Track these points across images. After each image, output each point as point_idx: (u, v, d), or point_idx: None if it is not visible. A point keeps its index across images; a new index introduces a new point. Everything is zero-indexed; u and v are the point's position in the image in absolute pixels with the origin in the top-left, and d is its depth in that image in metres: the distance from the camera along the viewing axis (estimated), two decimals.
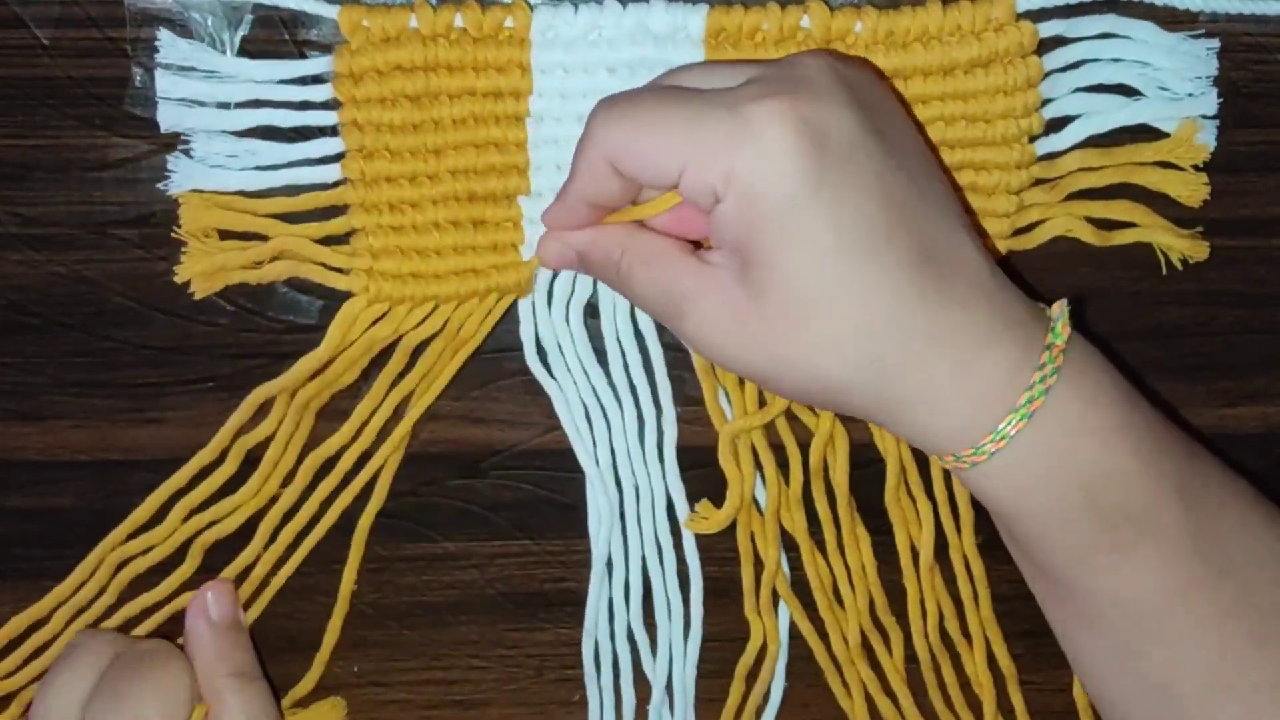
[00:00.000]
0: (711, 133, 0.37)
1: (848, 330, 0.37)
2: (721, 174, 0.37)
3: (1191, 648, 0.40)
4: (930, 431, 0.39)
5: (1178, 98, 0.46)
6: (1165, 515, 0.39)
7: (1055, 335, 0.39)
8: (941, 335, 0.38)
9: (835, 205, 0.36)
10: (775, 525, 0.49)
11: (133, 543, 0.48)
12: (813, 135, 0.36)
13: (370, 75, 0.43)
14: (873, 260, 0.37)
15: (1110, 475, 0.39)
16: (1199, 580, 0.40)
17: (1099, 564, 0.40)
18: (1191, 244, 0.48)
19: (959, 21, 0.43)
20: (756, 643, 0.50)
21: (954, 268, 0.38)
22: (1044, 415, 0.38)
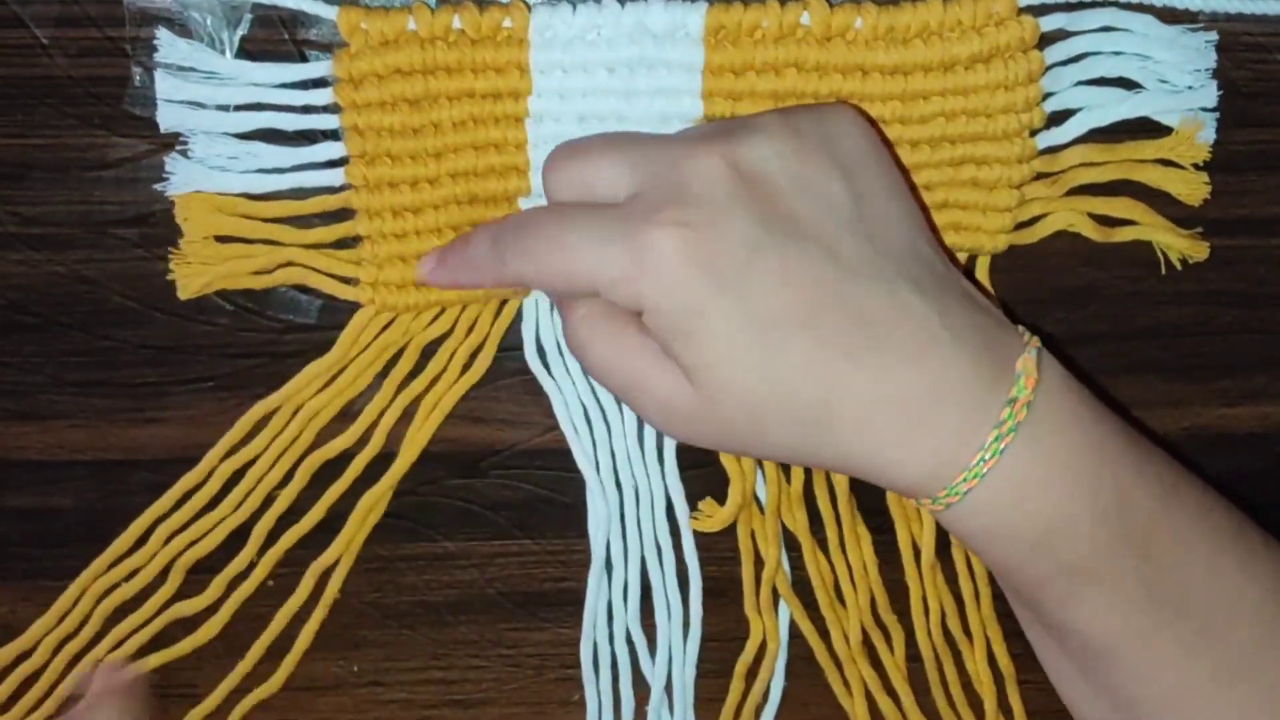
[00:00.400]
0: (608, 262, 0.38)
1: (790, 408, 0.38)
2: (632, 296, 0.38)
3: (1153, 679, 0.40)
4: (893, 480, 0.39)
5: (1178, 90, 0.46)
6: (1118, 566, 0.39)
7: (1018, 389, 0.38)
8: (886, 397, 0.38)
9: (743, 302, 0.37)
10: (776, 523, 0.49)
11: (115, 570, 0.48)
12: (703, 247, 0.37)
13: (369, 79, 0.43)
14: (796, 339, 0.37)
15: (1064, 532, 0.38)
16: (1154, 625, 0.39)
17: (1055, 604, 0.40)
18: (1191, 243, 0.48)
19: (959, 16, 0.43)
20: (756, 641, 0.50)
21: (895, 330, 0.38)
22: (998, 474, 0.38)
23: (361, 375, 0.47)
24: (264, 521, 0.48)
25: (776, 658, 0.50)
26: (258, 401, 0.47)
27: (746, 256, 0.37)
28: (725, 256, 0.37)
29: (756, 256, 0.37)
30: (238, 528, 0.48)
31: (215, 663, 0.49)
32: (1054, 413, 0.38)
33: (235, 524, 0.48)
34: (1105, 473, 0.39)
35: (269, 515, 0.48)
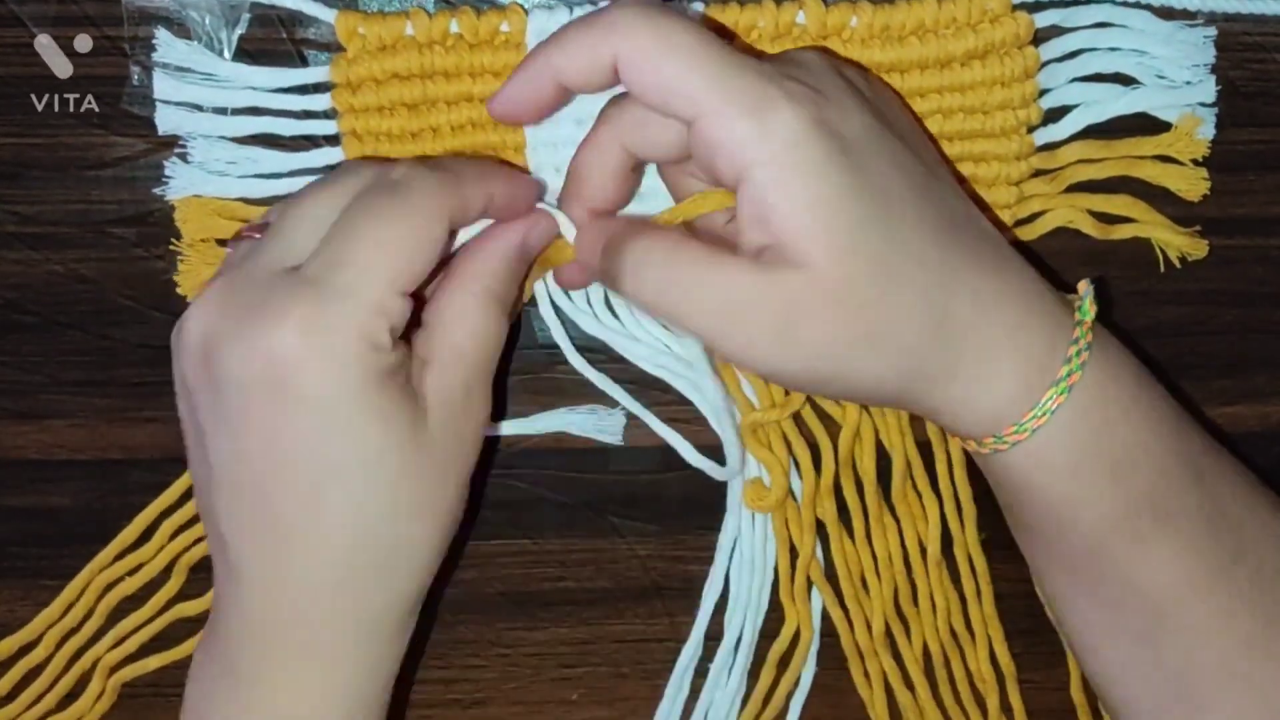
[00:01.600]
0: (740, 89, 0.35)
1: (908, 292, 0.36)
2: (748, 135, 0.35)
3: (1208, 636, 0.40)
4: (974, 406, 0.38)
5: (1175, 86, 0.46)
6: (1184, 499, 0.39)
7: (1084, 313, 0.39)
8: (985, 297, 0.37)
9: (865, 174, 0.36)
10: (811, 513, 0.48)
11: (120, 564, 0.48)
12: (831, 120, 0.36)
13: (368, 84, 0.43)
14: (911, 222, 0.37)
15: (1137, 457, 0.39)
16: (1215, 569, 0.40)
17: (1118, 553, 0.39)
18: (1190, 241, 0.48)
19: (954, 14, 0.43)
20: (791, 629, 0.50)
21: (980, 239, 0.38)
22: (1080, 391, 0.38)
23: None
24: None
25: (810, 646, 0.50)
26: None
27: (863, 134, 0.37)
28: (845, 125, 0.36)
29: (870, 139, 0.37)
30: None
31: None
32: (1110, 343, 0.39)
33: None
34: (1159, 400, 0.40)
35: None
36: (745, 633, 0.50)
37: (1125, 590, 0.40)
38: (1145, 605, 0.40)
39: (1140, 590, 0.40)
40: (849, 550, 0.49)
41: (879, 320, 0.36)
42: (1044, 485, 0.39)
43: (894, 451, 0.48)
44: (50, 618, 0.48)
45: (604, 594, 0.50)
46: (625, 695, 0.51)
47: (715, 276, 0.36)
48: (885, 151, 0.37)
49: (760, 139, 0.35)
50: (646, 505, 0.50)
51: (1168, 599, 0.40)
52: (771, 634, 0.50)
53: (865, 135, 0.37)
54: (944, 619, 0.50)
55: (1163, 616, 0.40)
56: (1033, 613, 0.49)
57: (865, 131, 0.37)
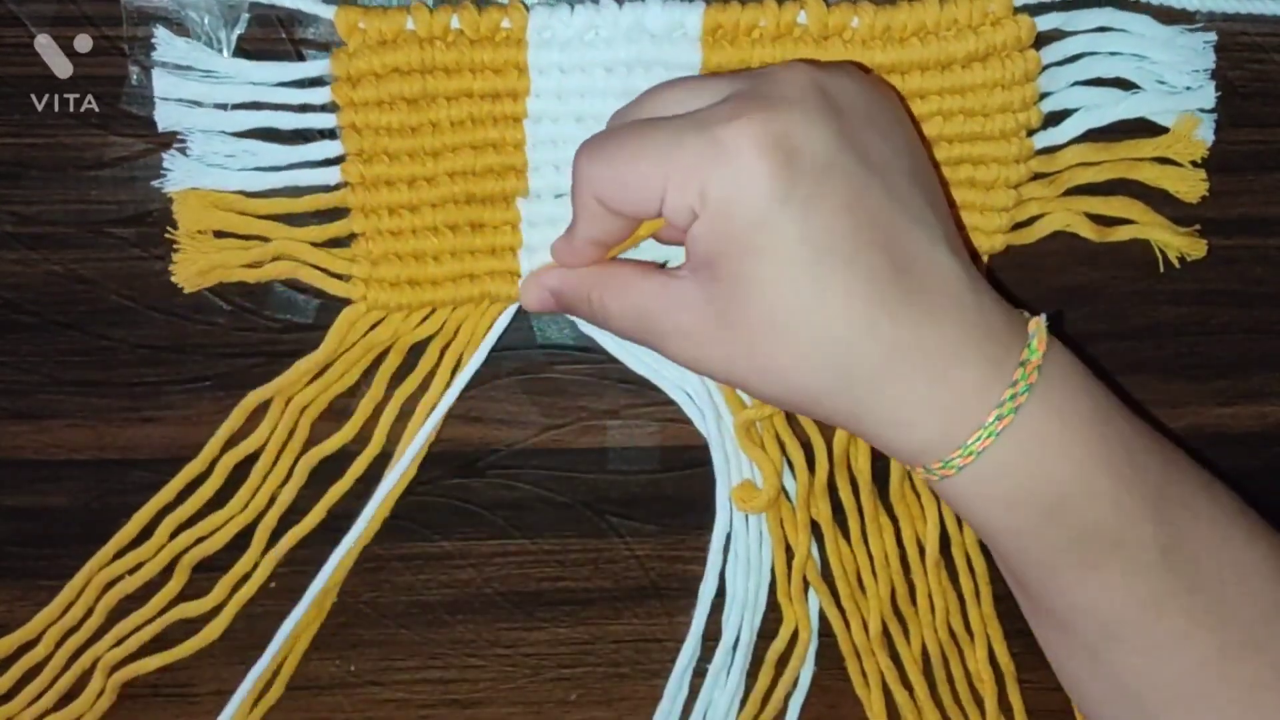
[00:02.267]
0: (687, 155, 0.37)
1: (816, 341, 0.37)
2: (696, 193, 0.37)
3: (1162, 659, 0.40)
4: (900, 444, 0.39)
5: (1175, 91, 0.46)
6: (1135, 532, 0.39)
7: (1031, 352, 0.38)
8: (911, 348, 0.37)
9: (804, 220, 0.37)
10: (806, 513, 0.48)
11: (120, 561, 0.48)
12: (783, 153, 0.36)
13: (368, 78, 0.43)
14: (841, 274, 0.37)
15: (1078, 494, 0.39)
16: (1169, 594, 0.39)
17: (1067, 579, 0.40)
18: (1189, 241, 0.48)
19: (956, 16, 0.43)
20: (789, 629, 0.50)
21: (928, 282, 0.38)
22: (1013, 433, 0.38)
23: (349, 372, 0.47)
24: (266, 520, 0.48)
25: (809, 646, 0.50)
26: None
27: (820, 168, 0.37)
28: (800, 167, 0.37)
29: (828, 175, 0.37)
30: (240, 526, 0.48)
31: (211, 662, 0.49)
32: (1063, 377, 0.39)
33: (243, 524, 0.48)
34: (1114, 437, 0.39)
35: (271, 514, 0.48)
36: (743, 633, 0.50)
37: (1074, 612, 0.40)
38: (1095, 627, 0.40)
39: (1090, 613, 0.40)
40: (844, 551, 0.49)
41: (778, 360, 0.38)
42: (985, 515, 0.40)
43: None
44: (50, 616, 0.48)
45: (602, 594, 0.50)
46: (624, 695, 0.51)
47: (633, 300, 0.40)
48: (840, 187, 0.37)
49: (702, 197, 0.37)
50: (644, 505, 0.50)
51: (1118, 620, 0.40)
52: (770, 634, 0.50)
53: (823, 168, 0.37)
54: (942, 619, 0.50)
55: (1112, 638, 0.40)
56: None
57: (825, 163, 0.37)
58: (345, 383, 0.47)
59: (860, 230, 0.37)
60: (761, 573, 0.49)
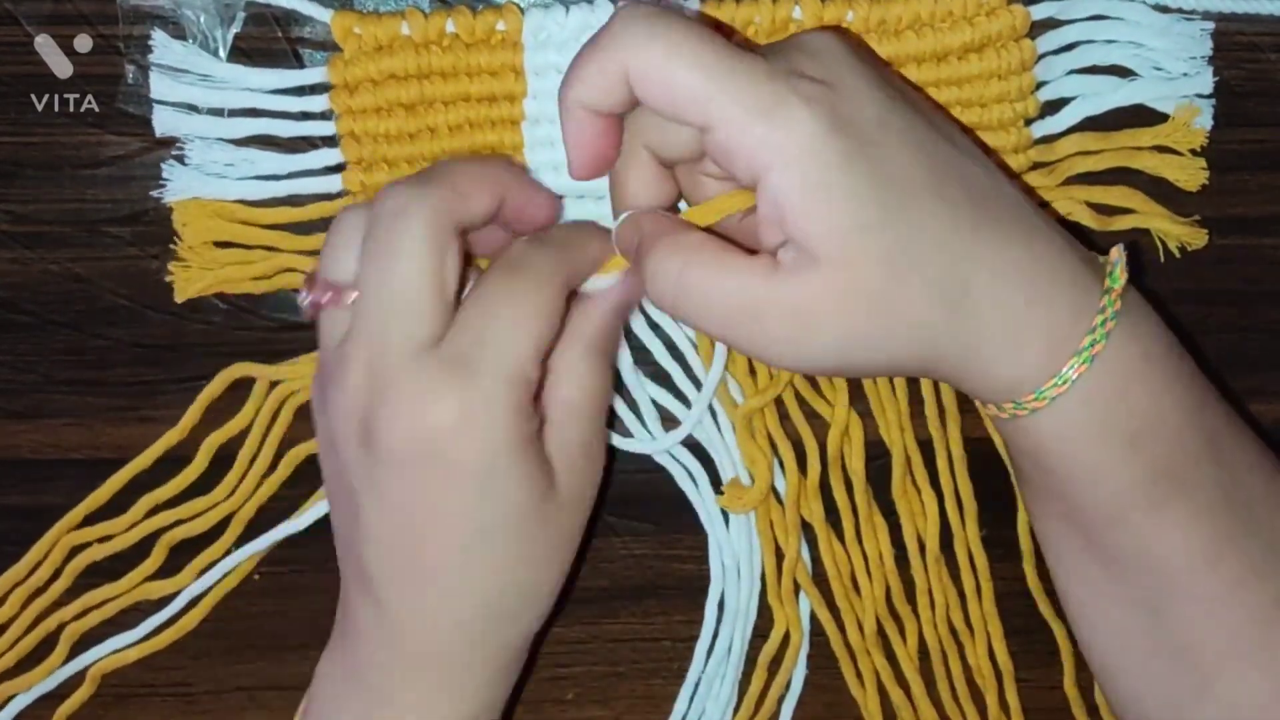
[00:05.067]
0: (749, 94, 0.36)
1: (927, 278, 0.37)
2: (761, 140, 0.36)
3: (1217, 608, 0.40)
4: (995, 375, 0.38)
5: (1172, 77, 0.46)
6: (1201, 471, 0.39)
7: (1113, 280, 0.39)
8: (1008, 270, 0.37)
9: (882, 163, 0.36)
10: (795, 515, 0.48)
11: (92, 529, 0.48)
12: (844, 105, 0.36)
13: (365, 85, 0.43)
14: (931, 207, 0.37)
15: (1155, 427, 0.39)
16: (1229, 540, 0.40)
17: (1134, 521, 0.40)
18: (1189, 231, 0.48)
19: (950, 7, 0.43)
20: (780, 632, 0.50)
21: (1005, 209, 0.38)
22: (1103, 360, 0.38)
23: None
24: (245, 511, 0.48)
25: (800, 649, 0.50)
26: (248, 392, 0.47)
27: (878, 119, 0.37)
28: (859, 116, 0.36)
29: (886, 120, 0.37)
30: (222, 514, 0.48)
31: (209, 662, 0.49)
32: (1140, 308, 0.39)
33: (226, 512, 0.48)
34: (1185, 372, 0.40)
35: (250, 505, 0.48)
36: (735, 639, 0.50)
37: (1138, 559, 0.40)
38: (1156, 575, 0.40)
39: (1153, 559, 0.40)
40: (838, 551, 0.49)
41: (894, 310, 0.37)
42: (1063, 452, 0.39)
43: (893, 447, 0.48)
44: (16, 576, 0.48)
45: (600, 593, 0.50)
46: (621, 694, 0.51)
47: (727, 281, 0.37)
48: (903, 132, 0.37)
49: (773, 143, 0.36)
50: (642, 504, 0.50)
51: (1179, 568, 0.40)
52: (764, 634, 0.50)
53: (880, 120, 0.37)
54: (943, 615, 0.50)
55: (1173, 586, 0.40)
56: (1027, 612, 0.49)
57: (880, 116, 0.37)
58: None
59: (934, 168, 0.37)
60: (753, 579, 0.49)
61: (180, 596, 0.48)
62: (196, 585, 0.48)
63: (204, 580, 0.48)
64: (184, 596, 0.48)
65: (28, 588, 0.48)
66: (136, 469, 0.47)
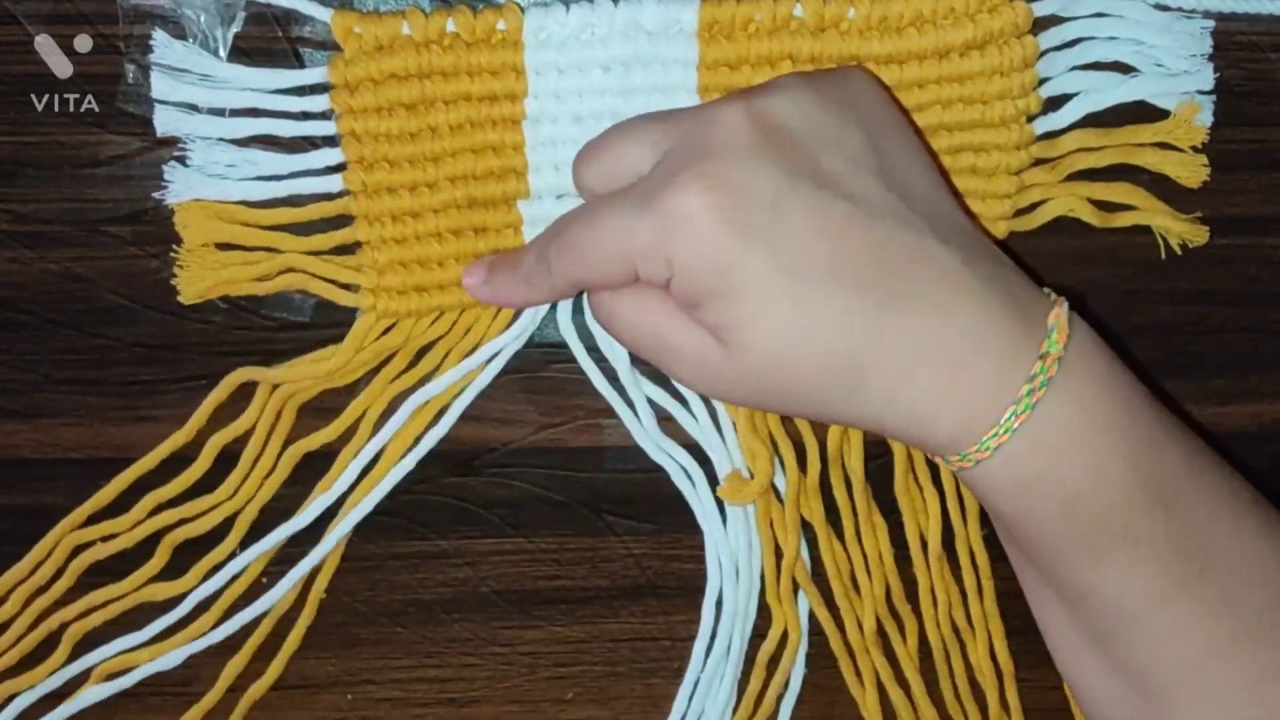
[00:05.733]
0: (643, 236, 0.38)
1: (823, 361, 0.38)
2: (663, 264, 0.38)
3: (1170, 644, 0.40)
4: (923, 440, 0.39)
5: (1173, 74, 0.46)
6: (1146, 524, 0.39)
7: (1050, 344, 0.38)
8: (921, 346, 0.37)
9: (771, 253, 0.37)
10: (795, 513, 0.48)
11: (95, 528, 0.48)
12: (730, 200, 0.37)
13: (365, 84, 0.43)
14: (828, 290, 0.37)
15: (1094, 490, 0.38)
16: (1178, 583, 0.39)
17: (1079, 565, 0.40)
18: (1191, 228, 0.48)
19: (952, 4, 0.43)
20: (778, 631, 0.50)
21: (926, 277, 0.38)
22: (1032, 426, 0.38)
23: (351, 373, 0.47)
24: (248, 512, 0.48)
25: (799, 648, 0.50)
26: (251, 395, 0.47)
27: (772, 207, 0.37)
28: (751, 208, 0.37)
29: (782, 206, 0.37)
30: (225, 518, 0.48)
31: (209, 661, 0.49)
32: (1085, 367, 0.39)
33: (229, 511, 0.48)
34: (1135, 429, 0.39)
35: (253, 505, 0.48)
36: (734, 638, 0.50)
37: (1085, 597, 0.40)
38: (1106, 611, 0.40)
39: (1101, 598, 0.40)
40: (837, 550, 0.49)
41: (790, 384, 0.38)
42: (999, 503, 0.40)
43: (895, 446, 0.48)
44: (19, 575, 0.48)
45: (599, 592, 0.50)
46: (620, 694, 0.51)
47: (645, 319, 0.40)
48: (799, 213, 0.37)
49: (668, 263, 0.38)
50: (641, 504, 0.50)
51: (1128, 608, 0.40)
52: (763, 634, 0.50)
53: (773, 202, 0.37)
54: (945, 613, 0.50)
55: (1123, 622, 0.40)
56: (1027, 612, 0.49)
57: (773, 197, 0.37)
58: (345, 380, 0.47)
59: (835, 246, 0.37)
60: (752, 580, 0.49)
61: (189, 599, 0.48)
62: (205, 588, 0.48)
63: (212, 583, 0.48)
64: (192, 599, 0.48)
65: (30, 586, 0.48)
66: (141, 470, 0.47)
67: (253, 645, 0.49)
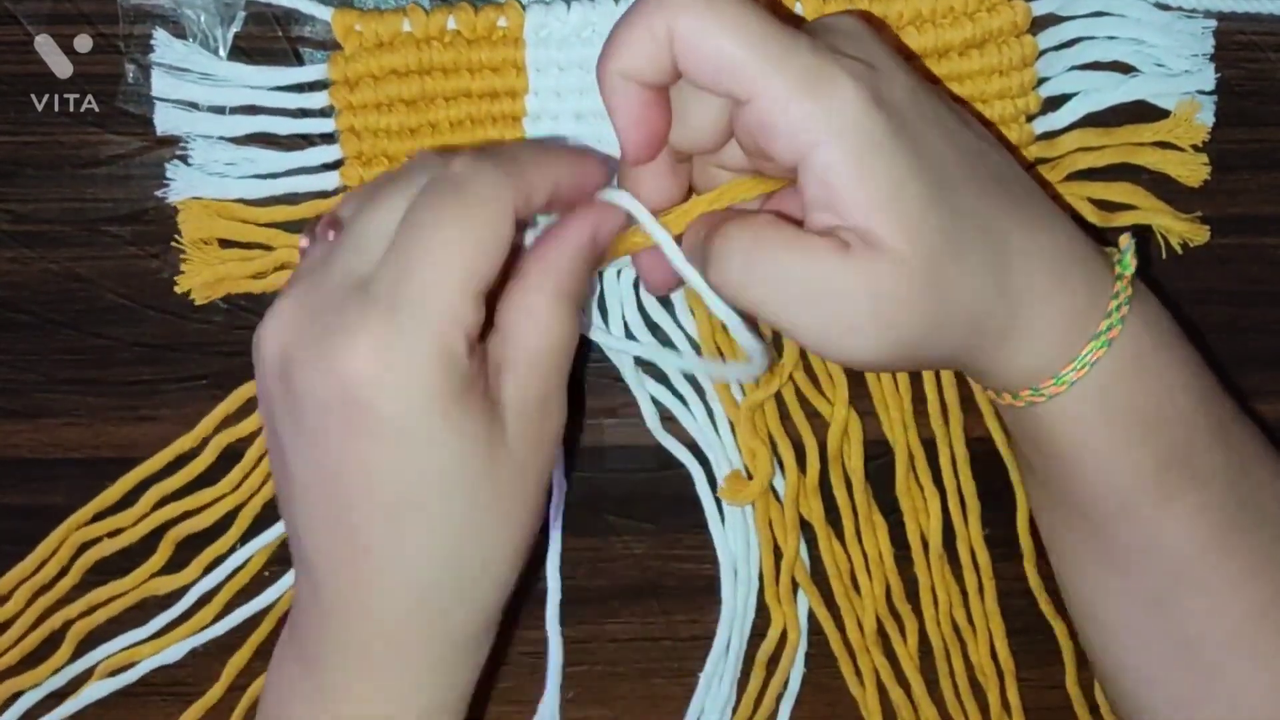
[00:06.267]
0: (796, 67, 0.35)
1: (977, 258, 0.36)
2: (808, 113, 0.35)
3: (1223, 601, 0.40)
4: (1018, 361, 0.38)
5: (1174, 74, 0.46)
6: (1212, 459, 0.40)
7: (1124, 266, 0.39)
8: (1037, 253, 0.38)
9: (917, 149, 0.36)
10: (794, 513, 0.49)
11: (99, 524, 0.48)
12: (885, 96, 0.36)
13: (365, 81, 0.43)
14: (966, 190, 0.37)
15: (1168, 413, 0.39)
16: (1237, 529, 0.40)
17: (1144, 512, 0.40)
18: (1191, 227, 0.48)
19: (952, 3, 0.44)
20: (778, 631, 0.50)
21: (1026, 195, 0.39)
22: (1118, 345, 0.38)
23: None
24: (250, 506, 0.48)
25: (798, 648, 0.50)
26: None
27: (914, 108, 0.37)
28: (900, 102, 0.36)
29: (920, 111, 0.37)
30: (228, 511, 0.48)
31: (209, 661, 0.49)
32: (1148, 298, 0.40)
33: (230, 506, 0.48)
34: (1194, 360, 0.40)
35: (256, 500, 0.48)
36: (734, 637, 0.50)
37: (1145, 552, 0.40)
38: (1163, 567, 0.40)
39: (1161, 550, 0.40)
40: (837, 550, 0.49)
41: (957, 296, 0.36)
42: (1076, 439, 0.39)
43: (896, 444, 0.48)
44: (23, 573, 0.48)
45: (600, 593, 0.50)
46: (621, 694, 0.51)
47: (800, 262, 0.36)
48: (933, 118, 0.37)
49: (821, 120, 0.35)
50: (642, 504, 0.50)
51: (1188, 559, 0.40)
52: (763, 633, 0.50)
53: (913, 104, 0.37)
54: (945, 613, 0.50)
55: (1180, 579, 0.40)
56: (1028, 611, 0.49)
57: (913, 100, 0.37)
58: None
59: (964, 152, 0.37)
60: (750, 581, 0.49)
61: (190, 593, 0.48)
62: (206, 581, 0.48)
63: (214, 576, 0.48)
64: (194, 593, 0.48)
65: (34, 584, 0.48)
66: (148, 470, 0.47)
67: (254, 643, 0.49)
